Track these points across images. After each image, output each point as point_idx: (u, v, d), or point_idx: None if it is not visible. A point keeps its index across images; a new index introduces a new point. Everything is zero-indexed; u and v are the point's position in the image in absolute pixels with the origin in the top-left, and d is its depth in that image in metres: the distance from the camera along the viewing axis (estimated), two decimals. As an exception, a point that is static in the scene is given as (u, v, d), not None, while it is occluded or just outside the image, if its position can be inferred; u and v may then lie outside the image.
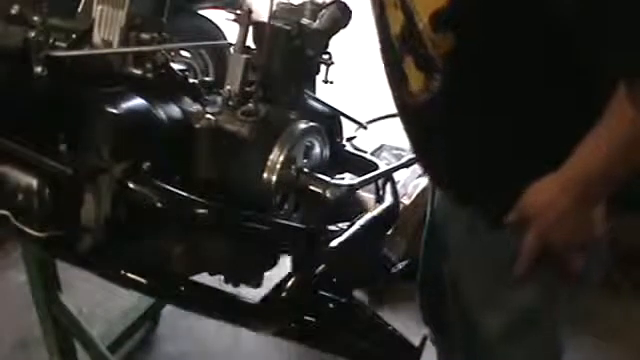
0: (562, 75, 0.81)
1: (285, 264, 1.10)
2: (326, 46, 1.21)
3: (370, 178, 1.24)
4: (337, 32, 1.19)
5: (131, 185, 0.98)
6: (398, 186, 1.39)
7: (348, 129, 1.44)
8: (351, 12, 1.20)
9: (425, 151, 1.03)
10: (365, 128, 1.58)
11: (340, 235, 1.09)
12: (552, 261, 0.87)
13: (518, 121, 0.85)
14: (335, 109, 1.34)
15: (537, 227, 0.84)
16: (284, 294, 1.02)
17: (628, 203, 0.93)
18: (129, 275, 1.02)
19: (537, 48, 0.79)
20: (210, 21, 2.92)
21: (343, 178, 1.24)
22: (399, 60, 0.91)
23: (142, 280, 1.03)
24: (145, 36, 1.10)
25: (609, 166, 0.76)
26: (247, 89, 1.11)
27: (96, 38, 1.10)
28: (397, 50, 0.90)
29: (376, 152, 2.40)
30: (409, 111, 0.96)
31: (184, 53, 2.77)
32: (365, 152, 1.47)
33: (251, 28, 1.13)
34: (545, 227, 0.84)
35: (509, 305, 0.97)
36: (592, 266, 0.91)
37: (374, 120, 1.69)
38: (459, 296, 1.06)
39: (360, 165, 1.35)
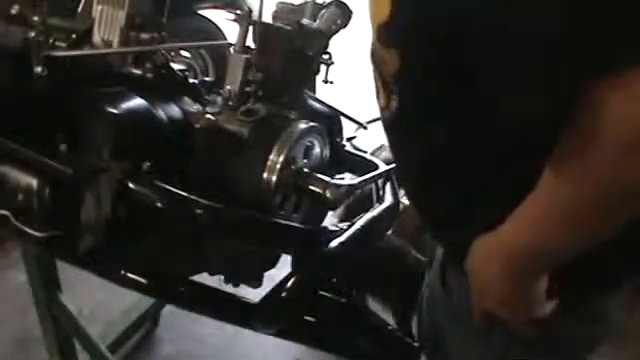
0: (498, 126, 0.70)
1: (285, 264, 1.10)
2: (326, 46, 1.21)
3: (370, 178, 1.24)
4: (337, 32, 1.19)
5: (131, 185, 0.98)
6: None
7: (348, 129, 1.44)
8: (351, 12, 1.20)
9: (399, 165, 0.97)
10: (365, 128, 1.58)
11: (340, 235, 1.09)
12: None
13: (458, 163, 0.76)
14: (335, 109, 1.34)
15: (473, 288, 0.78)
16: (284, 294, 1.02)
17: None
18: (129, 275, 1.03)
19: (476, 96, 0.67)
20: (210, 21, 2.92)
21: (343, 178, 1.24)
22: (374, 70, 0.85)
23: (142, 280, 1.03)
24: (145, 36, 1.10)
25: (532, 238, 0.67)
26: (247, 89, 1.12)
27: (96, 38, 1.11)
28: (374, 59, 0.84)
29: (376, 152, 2.39)
30: (384, 123, 0.89)
31: (184, 53, 2.77)
32: (365, 152, 1.47)
33: (251, 28, 1.13)
34: (477, 290, 0.77)
35: (474, 351, 0.91)
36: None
37: (374, 120, 1.68)
38: (432, 330, 1.02)
39: (360, 165, 1.35)
